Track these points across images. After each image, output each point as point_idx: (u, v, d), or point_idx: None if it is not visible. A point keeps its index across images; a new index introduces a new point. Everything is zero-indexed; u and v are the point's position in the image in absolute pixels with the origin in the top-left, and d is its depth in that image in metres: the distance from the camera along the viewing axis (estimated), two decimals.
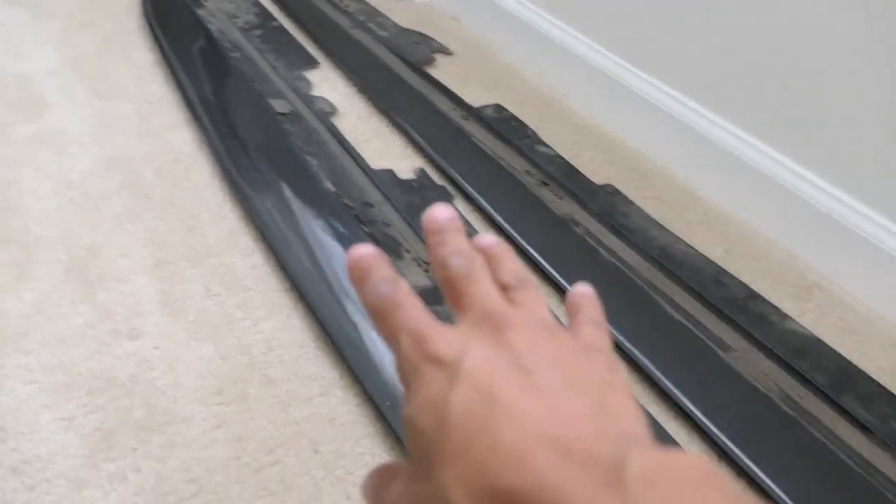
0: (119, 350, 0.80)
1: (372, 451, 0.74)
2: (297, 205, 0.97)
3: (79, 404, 0.75)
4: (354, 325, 0.83)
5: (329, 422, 0.76)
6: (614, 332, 0.87)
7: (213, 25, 1.31)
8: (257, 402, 0.77)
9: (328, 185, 1.01)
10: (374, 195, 1.02)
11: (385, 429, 0.75)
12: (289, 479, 0.71)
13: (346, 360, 0.80)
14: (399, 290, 0.29)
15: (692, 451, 0.76)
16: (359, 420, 0.77)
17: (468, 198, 1.04)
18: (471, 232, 0.99)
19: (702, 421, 0.79)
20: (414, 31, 1.41)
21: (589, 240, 0.99)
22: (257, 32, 1.32)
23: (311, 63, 1.28)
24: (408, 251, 0.94)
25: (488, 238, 0.33)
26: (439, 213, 0.32)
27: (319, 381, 0.80)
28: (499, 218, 1.01)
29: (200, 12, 1.36)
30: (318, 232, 0.94)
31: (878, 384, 0.86)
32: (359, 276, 0.29)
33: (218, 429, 0.74)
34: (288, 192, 0.99)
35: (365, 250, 0.30)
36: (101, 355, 0.80)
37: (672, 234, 1.02)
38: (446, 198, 1.04)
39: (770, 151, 1.05)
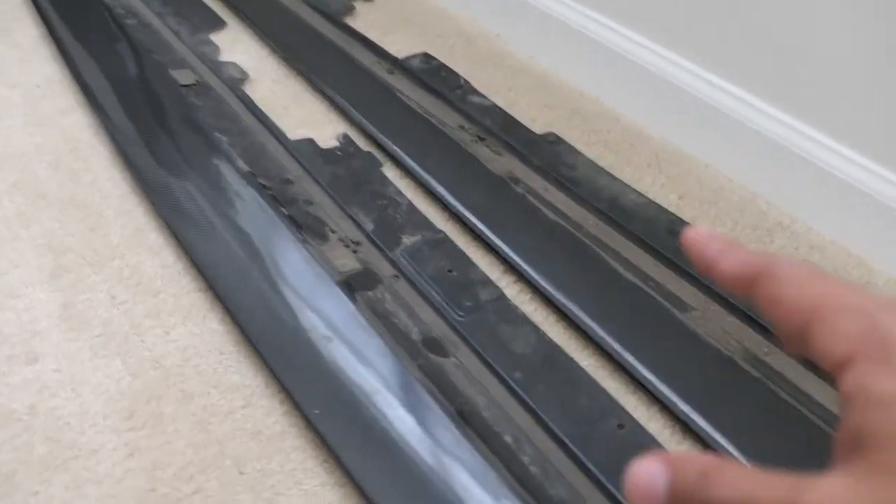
0: (15, 378, 0.72)
1: (303, 465, 0.67)
2: (207, 192, 0.88)
3: None
4: (280, 326, 0.76)
5: (254, 436, 0.69)
6: (561, 297, 0.81)
7: None
8: (173, 422, 0.70)
9: (241, 164, 0.92)
10: (293, 170, 0.92)
11: (315, 438, 0.68)
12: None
13: (269, 365, 0.72)
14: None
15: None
16: (287, 431, 0.70)
17: (398, 163, 0.95)
18: (404, 201, 0.91)
19: (654, 385, 0.73)
20: None
21: (531, 198, 0.91)
22: None
23: (218, 24, 1.16)
24: (333, 231, 0.86)
25: None
26: None
27: (242, 391, 0.73)
28: (433, 182, 0.92)
29: None
30: (234, 221, 0.85)
31: None
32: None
33: (131, 457, 0.67)
34: (197, 178, 0.90)
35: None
36: None
37: (621, 182, 0.94)
38: (374, 165, 0.95)
39: (723, 84, 0.97)
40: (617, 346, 0.76)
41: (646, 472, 0.22)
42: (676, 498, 0.21)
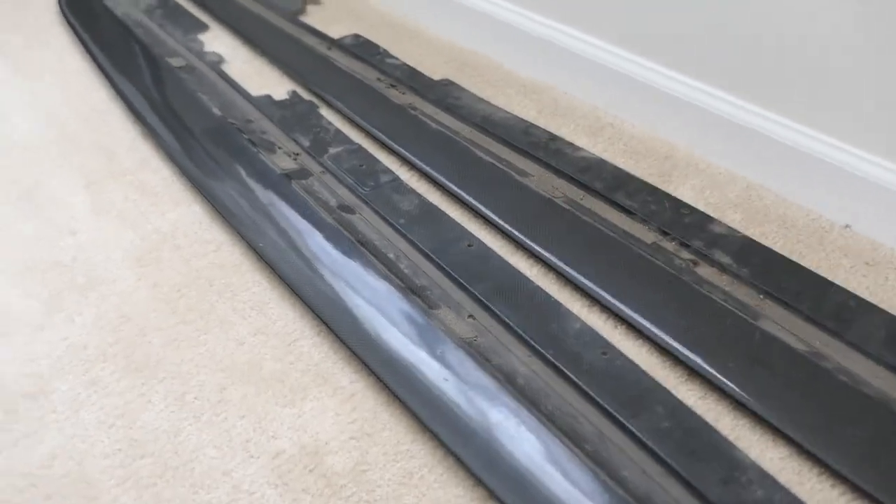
0: (62, 243, 1.07)
1: (254, 279, 1.00)
2: (192, 128, 1.23)
3: (35, 281, 1.01)
4: (240, 201, 1.09)
5: (220, 267, 1.02)
6: (436, 174, 1.13)
7: (119, 10, 1.57)
8: (168, 262, 1.03)
9: (216, 110, 1.27)
10: (254, 114, 1.28)
11: (260, 262, 1.01)
12: (191, 303, 0.97)
13: (234, 227, 1.06)
14: None
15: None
16: (243, 262, 1.03)
17: (330, 105, 1.30)
18: (332, 128, 1.24)
19: (494, 219, 1.05)
20: None
21: (423, 118, 1.25)
22: (158, 11, 1.58)
23: (203, 27, 1.54)
24: (280, 147, 1.20)
25: None
26: None
27: (214, 243, 1.06)
28: (353, 115, 1.27)
29: (108, 2, 1.62)
30: (209, 144, 1.20)
31: (645, 183, 1.11)
32: None
33: (139, 281, 1.01)
34: (185, 121, 1.25)
35: None
36: (50, 248, 1.06)
37: (494, 106, 1.28)
38: (313, 108, 1.30)
39: (566, 29, 1.31)
40: (473, 200, 1.09)
41: None
42: None
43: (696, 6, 1.13)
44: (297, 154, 1.19)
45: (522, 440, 0.79)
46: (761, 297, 0.93)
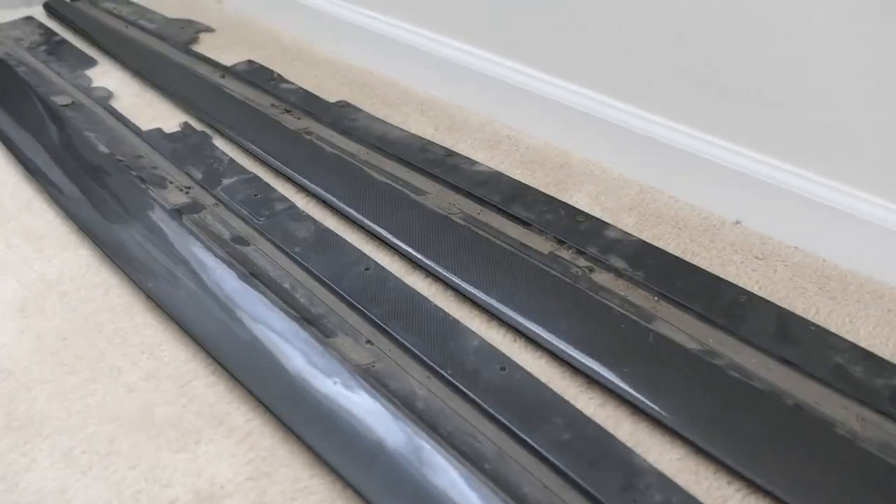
0: None
1: (145, 321, 0.97)
2: (78, 168, 1.19)
3: None
4: (128, 244, 1.05)
5: (109, 311, 0.99)
6: (334, 199, 1.11)
7: (0, 49, 1.51)
8: (53, 310, 0.99)
9: (103, 148, 1.23)
10: (143, 149, 1.24)
11: (152, 305, 0.98)
12: (79, 352, 0.93)
13: (121, 268, 1.02)
14: None
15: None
16: (133, 305, 0.99)
17: (223, 134, 1.28)
18: (226, 158, 1.22)
19: (391, 240, 1.04)
20: (181, 19, 1.63)
21: (318, 142, 1.23)
22: (42, 48, 1.53)
23: (91, 63, 1.49)
24: (171, 182, 1.17)
25: None
26: None
27: (102, 287, 1.02)
28: (247, 143, 1.24)
29: None
30: (96, 184, 1.16)
31: (543, 194, 1.12)
32: None
33: (22, 333, 0.96)
34: (70, 161, 1.21)
35: None
36: None
37: (391, 125, 1.27)
38: (206, 139, 1.27)
39: (460, 45, 1.31)
40: (370, 223, 1.07)
41: None
42: None
43: (583, 13, 1.15)
44: (189, 188, 1.16)
45: (423, 465, 0.77)
46: (656, 298, 0.94)
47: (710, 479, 0.77)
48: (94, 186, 1.15)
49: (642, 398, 0.83)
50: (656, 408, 0.82)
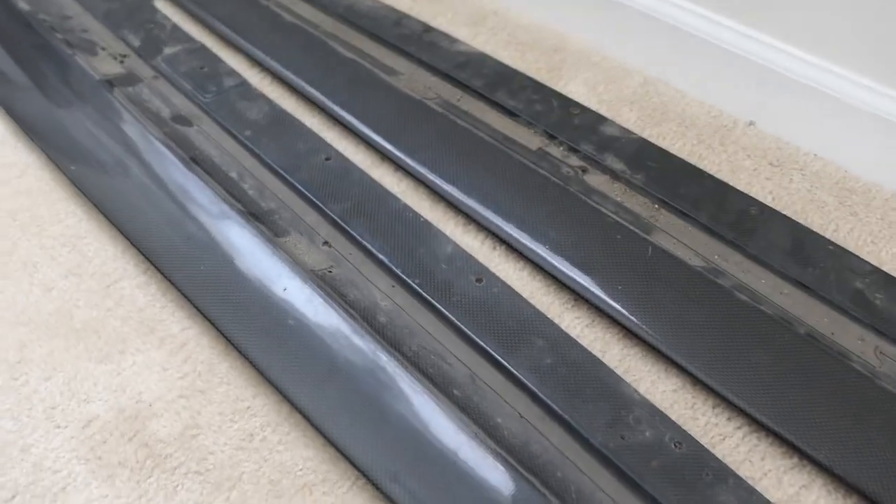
0: None
1: (66, 209, 0.84)
2: None
3: None
4: (50, 114, 0.91)
5: (25, 196, 0.85)
6: (292, 75, 0.96)
7: None
8: None
9: (24, 4, 1.06)
10: (73, 8, 1.07)
11: (76, 191, 0.84)
12: None
13: (39, 145, 0.88)
14: None
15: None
16: (54, 190, 0.86)
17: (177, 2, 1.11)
18: (169, 24, 1.05)
19: (356, 127, 0.90)
20: None
21: (277, 10, 1.07)
22: None
23: None
24: (104, 48, 1.01)
25: None
26: None
27: (18, 167, 0.88)
28: (195, 8, 1.08)
29: None
30: (14, 47, 0.99)
31: (533, 80, 0.97)
32: None
33: None
34: None
35: None
36: None
37: None
38: (147, 1, 1.10)
39: None
40: (333, 105, 0.93)
41: None
42: None
43: None
44: (125, 56, 0.99)
45: (382, 389, 0.67)
46: (656, 206, 0.82)
47: (707, 414, 0.68)
48: (11, 50, 0.99)
49: (635, 320, 0.72)
50: (651, 332, 0.72)
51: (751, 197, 0.84)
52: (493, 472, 0.62)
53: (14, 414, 0.68)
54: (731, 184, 0.85)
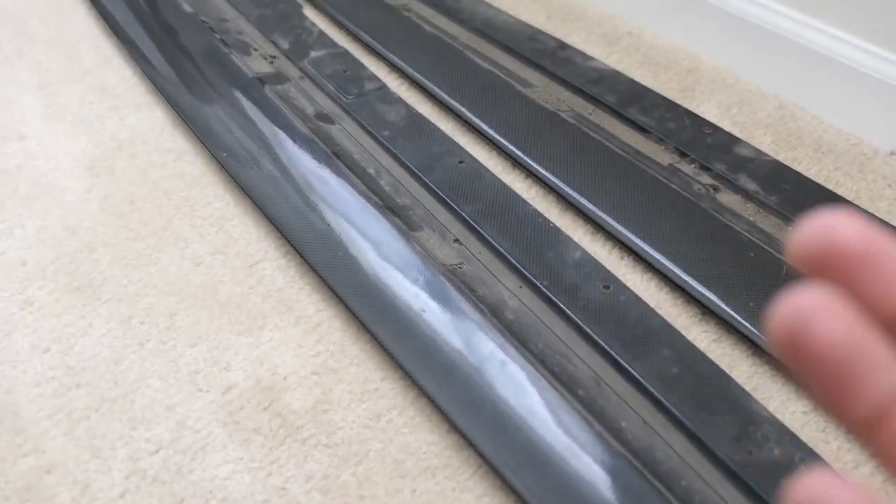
0: (7, 149, 0.96)
1: (216, 193, 0.89)
2: (160, 26, 1.11)
3: None
4: (205, 108, 0.97)
5: (181, 178, 0.91)
6: (428, 82, 1.00)
7: None
8: (122, 172, 0.92)
9: (187, 7, 1.14)
10: (229, 12, 1.14)
11: (225, 176, 0.90)
12: (145, 218, 0.87)
13: (196, 133, 0.94)
14: None
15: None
16: (206, 174, 0.92)
17: (314, 4, 1.17)
18: (315, 29, 1.11)
19: (490, 134, 0.93)
20: None
21: (417, 20, 1.11)
22: None
23: None
24: (256, 49, 1.07)
25: None
26: None
27: (175, 152, 0.95)
28: (340, 16, 1.13)
29: None
30: (178, 44, 1.07)
31: (663, 98, 0.98)
32: None
33: (89, 192, 0.90)
34: (153, 19, 1.12)
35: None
36: None
37: (498, 9, 1.14)
38: (296, 7, 1.16)
39: None
40: (468, 112, 0.96)
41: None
42: None
43: None
44: (275, 57, 1.06)
45: (507, 382, 0.68)
46: (790, 228, 0.81)
47: (840, 439, 0.66)
48: (174, 47, 1.07)
49: (767, 339, 0.71)
50: None
51: (892, 225, 0.81)
52: (617, 473, 0.62)
53: (162, 375, 0.73)
54: (870, 211, 0.83)
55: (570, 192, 0.86)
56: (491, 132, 0.93)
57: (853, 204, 0.84)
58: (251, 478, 0.65)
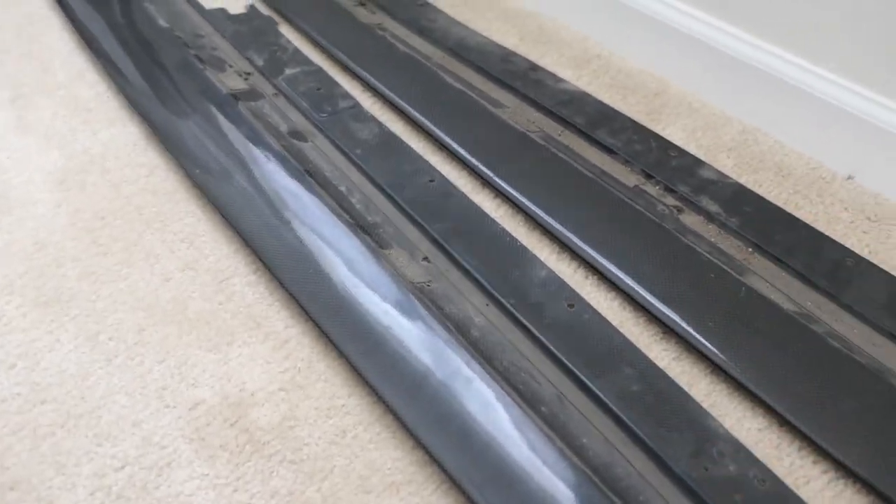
0: None
1: (187, 209, 0.90)
2: (135, 41, 1.11)
3: None
4: (177, 123, 0.98)
5: (152, 194, 0.92)
6: (401, 101, 1.02)
7: None
8: (94, 186, 0.93)
9: (162, 22, 1.15)
10: (205, 28, 1.15)
11: (198, 193, 0.91)
12: (116, 233, 0.87)
13: (168, 149, 0.95)
14: None
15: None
16: (178, 190, 0.92)
17: (290, 22, 1.18)
18: (290, 47, 1.12)
19: (460, 153, 0.94)
20: None
21: (391, 40, 1.13)
22: None
23: None
24: (231, 66, 1.08)
25: None
26: None
27: (147, 167, 0.95)
28: (314, 33, 1.15)
29: None
30: (151, 59, 1.08)
31: (631, 121, 1.00)
32: None
33: (59, 207, 0.90)
34: (127, 33, 1.13)
35: None
36: None
37: (471, 30, 1.16)
38: (271, 25, 1.18)
39: None
40: (439, 131, 0.98)
41: None
42: None
43: None
44: (249, 74, 1.07)
45: (472, 399, 0.70)
46: (750, 250, 0.83)
47: (793, 455, 0.68)
48: (148, 62, 1.08)
49: (724, 357, 0.73)
50: (739, 370, 0.72)
51: (847, 248, 0.84)
52: (578, 489, 0.64)
53: (129, 391, 0.73)
54: (827, 234, 0.86)
55: (538, 211, 0.88)
56: (462, 151, 0.95)
57: (811, 227, 0.86)
58: (216, 494, 0.65)
